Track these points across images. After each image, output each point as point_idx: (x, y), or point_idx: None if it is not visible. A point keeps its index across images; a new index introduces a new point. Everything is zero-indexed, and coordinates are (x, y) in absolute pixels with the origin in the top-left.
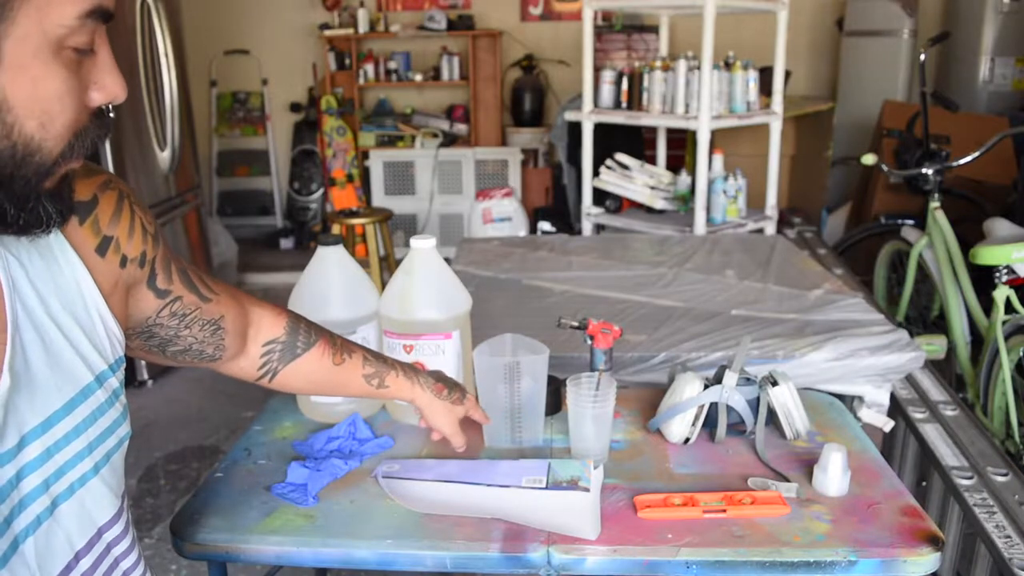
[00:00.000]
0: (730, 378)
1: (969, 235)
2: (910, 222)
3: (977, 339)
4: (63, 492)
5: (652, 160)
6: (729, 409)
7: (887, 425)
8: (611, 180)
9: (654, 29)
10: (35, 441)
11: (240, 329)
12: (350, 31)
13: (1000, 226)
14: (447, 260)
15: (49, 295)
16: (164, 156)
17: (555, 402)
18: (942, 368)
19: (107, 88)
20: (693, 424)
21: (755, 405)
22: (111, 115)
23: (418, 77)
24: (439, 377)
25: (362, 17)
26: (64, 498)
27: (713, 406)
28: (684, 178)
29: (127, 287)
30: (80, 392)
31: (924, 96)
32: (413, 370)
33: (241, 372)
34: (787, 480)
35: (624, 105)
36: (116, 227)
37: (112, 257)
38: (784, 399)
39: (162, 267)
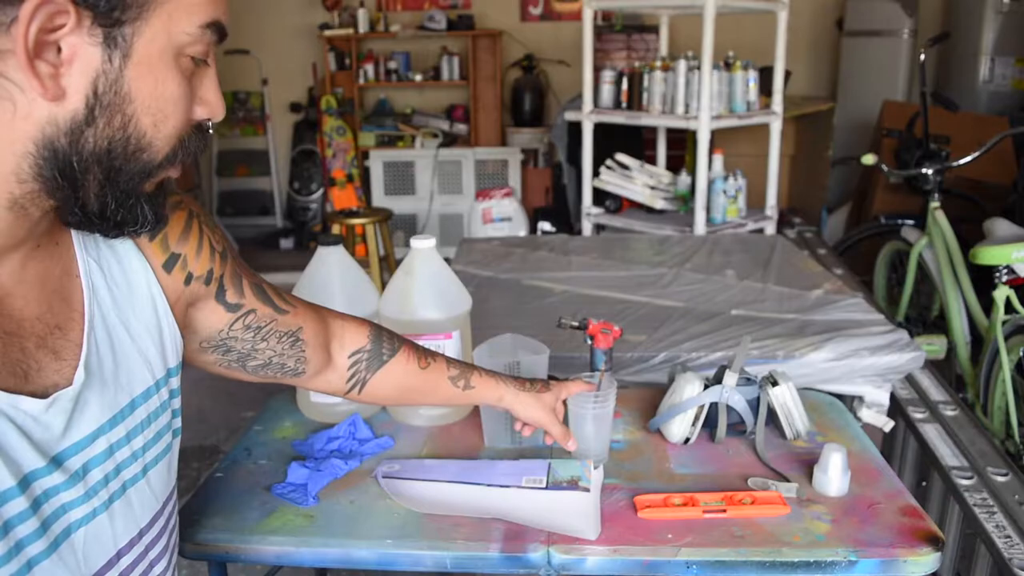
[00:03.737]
0: (730, 378)
1: (969, 235)
2: (910, 222)
3: (977, 339)
4: (117, 490)
5: (652, 160)
6: (729, 409)
7: (887, 425)
8: (611, 180)
9: (654, 29)
10: (101, 437)
11: (322, 341)
12: (350, 31)
13: (1000, 226)
14: (447, 260)
15: (123, 299)
16: None
17: None
18: (942, 368)
19: (210, 104)
20: (693, 424)
21: (755, 405)
22: (210, 131)
23: (418, 77)
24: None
25: (362, 17)
26: (117, 495)
27: (713, 406)
28: (684, 178)
29: (188, 303)
30: (142, 394)
31: (924, 96)
32: (492, 371)
33: (329, 386)
34: (787, 480)
35: (624, 105)
36: (184, 245)
37: (178, 274)
38: (784, 399)
39: (232, 282)
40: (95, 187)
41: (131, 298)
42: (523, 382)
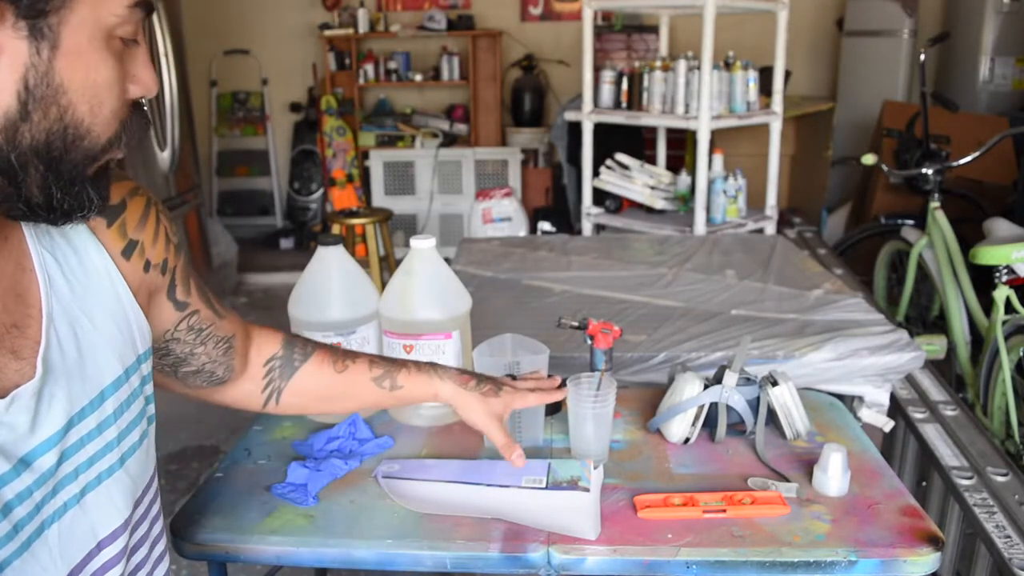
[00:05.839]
0: (730, 378)
1: (969, 235)
2: (910, 222)
3: (977, 339)
4: (91, 481)
5: (652, 160)
6: (729, 409)
7: (887, 425)
8: (611, 180)
9: (654, 29)
10: (71, 430)
11: (245, 350)
12: (350, 31)
13: (1000, 226)
14: (447, 260)
15: (82, 289)
16: (164, 156)
17: (555, 402)
18: (942, 368)
19: (142, 81)
20: (693, 424)
21: (755, 405)
22: (146, 108)
23: (418, 77)
24: (464, 371)
25: (362, 17)
26: (92, 487)
27: (713, 406)
28: (684, 178)
29: (149, 293)
30: (111, 384)
31: (924, 96)
32: (429, 364)
33: (248, 398)
34: (787, 480)
35: (624, 105)
36: (141, 232)
37: (136, 261)
38: (784, 399)
39: (181, 279)
40: (37, 180)
41: (91, 288)
42: (467, 378)
